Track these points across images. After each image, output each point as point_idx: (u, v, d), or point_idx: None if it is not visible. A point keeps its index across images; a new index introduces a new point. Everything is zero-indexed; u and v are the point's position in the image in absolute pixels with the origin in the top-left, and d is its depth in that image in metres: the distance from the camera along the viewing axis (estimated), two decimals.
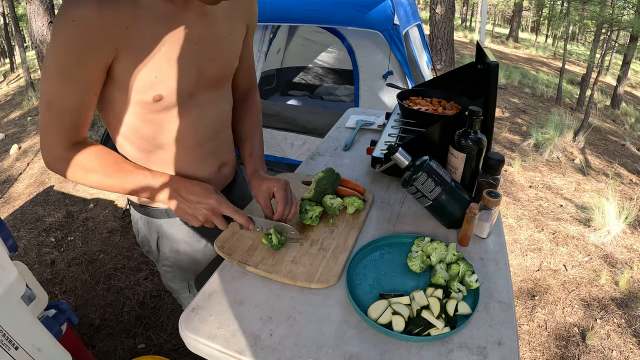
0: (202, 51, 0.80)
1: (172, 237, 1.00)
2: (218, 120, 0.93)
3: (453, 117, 1.04)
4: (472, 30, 18.61)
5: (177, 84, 0.77)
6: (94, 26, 0.64)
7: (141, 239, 1.04)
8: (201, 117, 0.87)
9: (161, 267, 1.07)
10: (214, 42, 0.82)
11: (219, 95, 0.91)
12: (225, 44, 0.85)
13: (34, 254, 2.53)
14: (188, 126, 0.85)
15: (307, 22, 3.14)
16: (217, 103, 0.91)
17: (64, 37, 0.64)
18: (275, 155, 3.38)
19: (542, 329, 2.09)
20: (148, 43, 0.71)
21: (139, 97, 0.75)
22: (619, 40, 9.12)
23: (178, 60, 0.75)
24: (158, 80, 0.74)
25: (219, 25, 0.82)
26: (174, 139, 0.85)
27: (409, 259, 0.81)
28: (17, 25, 7.87)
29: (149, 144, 0.84)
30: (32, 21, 3.78)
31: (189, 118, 0.85)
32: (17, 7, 11.96)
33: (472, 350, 0.65)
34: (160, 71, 0.74)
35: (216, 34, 0.82)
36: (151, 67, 0.72)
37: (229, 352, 0.64)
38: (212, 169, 0.97)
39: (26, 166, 3.83)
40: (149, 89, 0.74)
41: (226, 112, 0.96)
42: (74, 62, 0.66)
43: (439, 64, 6.38)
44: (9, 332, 0.98)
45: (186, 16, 0.74)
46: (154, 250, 1.03)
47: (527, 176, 3.84)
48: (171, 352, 1.83)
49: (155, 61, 0.72)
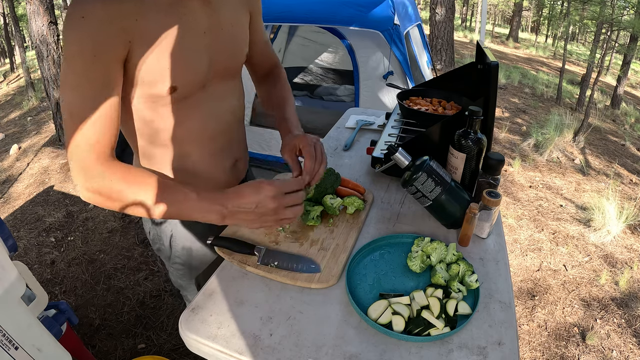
0: (212, 40, 0.79)
1: (185, 235, 1.00)
2: (230, 114, 0.93)
3: (453, 117, 1.04)
4: (472, 30, 18.61)
5: (191, 75, 0.77)
6: (104, 19, 0.63)
7: (152, 236, 1.04)
8: (214, 109, 0.87)
9: (172, 264, 1.07)
10: (222, 30, 0.81)
11: (230, 88, 0.91)
12: (233, 32, 0.85)
13: (34, 254, 2.53)
14: (201, 119, 0.85)
15: (307, 22, 3.14)
16: (228, 96, 0.91)
17: (76, 36, 0.63)
18: (275, 155, 3.38)
19: (542, 329, 2.09)
20: (159, 34, 0.70)
21: (152, 90, 0.74)
22: (619, 40, 9.12)
23: (190, 50, 0.75)
24: (171, 71, 0.74)
25: (223, 13, 0.82)
26: (188, 133, 0.85)
27: (409, 259, 0.81)
28: (17, 25, 7.87)
29: (163, 139, 0.83)
30: (32, 21, 3.78)
31: (202, 111, 0.84)
32: (17, 7, 11.95)
33: (472, 350, 0.65)
34: (174, 62, 0.73)
35: (222, 22, 0.81)
36: (164, 59, 0.72)
37: (229, 352, 0.64)
38: (226, 164, 0.97)
39: (26, 166, 3.83)
40: (163, 82, 0.74)
41: (238, 106, 0.96)
42: (90, 60, 0.64)
43: (439, 64, 6.38)
44: (9, 332, 0.98)
45: (190, 5, 0.74)
46: (165, 247, 1.03)
47: (527, 176, 3.84)
48: (171, 352, 1.82)
49: (167, 52, 0.72)
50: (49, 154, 4.04)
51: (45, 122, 5.04)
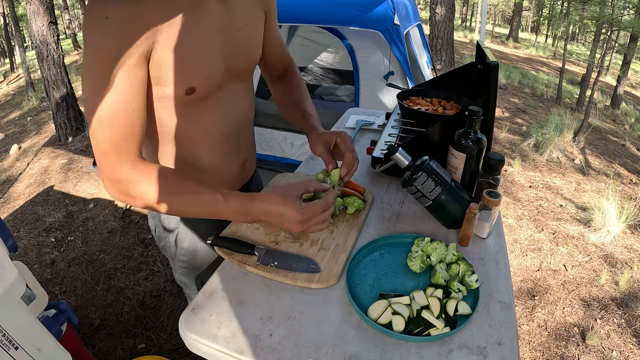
0: (228, 40, 0.79)
1: (190, 234, 1.00)
2: (243, 114, 0.93)
3: (453, 117, 1.04)
4: (472, 30, 18.61)
5: (208, 76, 0.77)
6: (128, 18, 0.62)
7: (158, 234, 1.04)
8: (228, 109, 0.87)
9: (176, 262, 1.07)
10: (237, 31, 0.81)
11: (243, 88, 0.91)
12: (247, 32, 0.85)
13: (34, 254, 2.53)
14: (216, 119, 0.85)
15: (307, 22, 3.14)
16: (242, 96, 0.91)
17: (102, 36, 0.62)
18: (275, 155, 3.38)
19: (542, 329, 2.09)
20: (179, 34, 0.69)
21: (170, 90, 0.74)
22: (619, 40, 9.12)
23: (208, 51, 0.75)
24: (191, 72, 0.73)
25: (239, 13, 0.81)
26: (202, 132, 0.85)
27: (409, 259, 0.81)
28: (17, 25, 7.87)
29: (177, 137, 0.83)
30: (32, 21, 3.78)
31: (217, 110, 0.84)
32: (17, 7, 11.96)
33: (472, 350, 0.64)
34: (193, 63, 0.73)
35: (238, 22, 0.81)
36: (184, 59, 0.71)
37: (229, 352, 0.64)
38: (236, 164, 0.97)
39: (26, 166, 3.83)
40: (182, 82, 0.73)
41: (249, 106, 0.97)
42: (117, 60, 0.63)
43: (439, 64, 6.38)
44: (9, 332, 0.98)
45: (208, 4, 0.74)
46: (171, 245, 1.03)
47: (527, 176, 3.84)
48: (171, 352, 1.83)
49: (187, 52, 0.71)
50: (49, 154, 4.04)
51: (45, 122, 5.04)
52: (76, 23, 18.13)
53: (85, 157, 3.91)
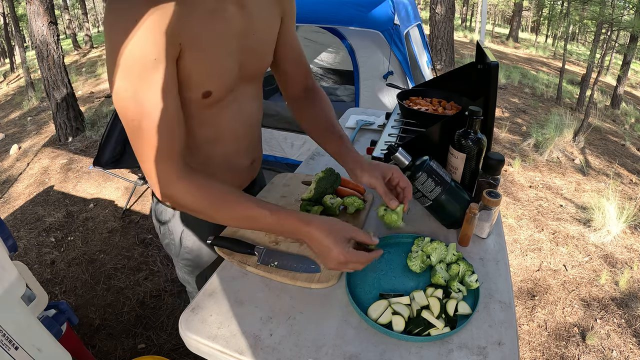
0: (243, 44, 0.79)
1: (197, 231, 1.01)
2: (253, 116, 0.94)
3: (453, 117, 1.04)
4: (472, 30, 18.61)
5: (224, 79, 0.77)
6: (158, 21, 0.61)
7: (162, 231, 1.04)
8: (240, 111, 0.88)
9: (180, 260, 1.07)
10: (253, 35, 0.81)
11: (254, 90, 0.92)
12: (262, 37, 0.85)
13: (34, 254, 2.53)
14: (228, 121, 0.86)
15: (307, 22, 3.14)
16: (252, 98, 0.91)
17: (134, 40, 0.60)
18: (275, 155, 3.38)
19: (542, 329, 2.09)
20: (202, 38, 0.69)
21: (188, 94, 0.74)
22: (619, 40, 9.12)
23: (225, 55, 0.75)
24: (209, 76, 0.73)
25: (256, 17, 0.81)
26: (214, 134, 0.85)
27: (409, 259, 0.81)
28: (17, 25, 7.88)
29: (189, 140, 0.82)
30: (32, 21, 3.77)
31: (229, 113, 0.85)
32: (17, 7, 11.95)
33: (472, 350, 0.65)
34: (212, 67, 0.73)
35: (254, 26, 0.81)
36: (205, 63, 0.71)
37: (229, 352, 0.64)
38: (245, 163, 0.98)
39: (26, 166, 3.83)
40: (200, 86, 0.73)
41: (258, 108, 0.97)
42: (151, 64, 0.62)
43: (439, 64, 6.38)
44: (9, 332, 0.98)
45: (229, 9, 0.73)
46: (175, 242, 1.03)
47: (527, 176, 3.84)
48: (171, 352, 1.83)
49: (208, 56, 0.71)
50: (49, 154, 4.04)
51: (45, 122, 5.04)
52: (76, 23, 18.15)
53: (85, 157, 3.92)
